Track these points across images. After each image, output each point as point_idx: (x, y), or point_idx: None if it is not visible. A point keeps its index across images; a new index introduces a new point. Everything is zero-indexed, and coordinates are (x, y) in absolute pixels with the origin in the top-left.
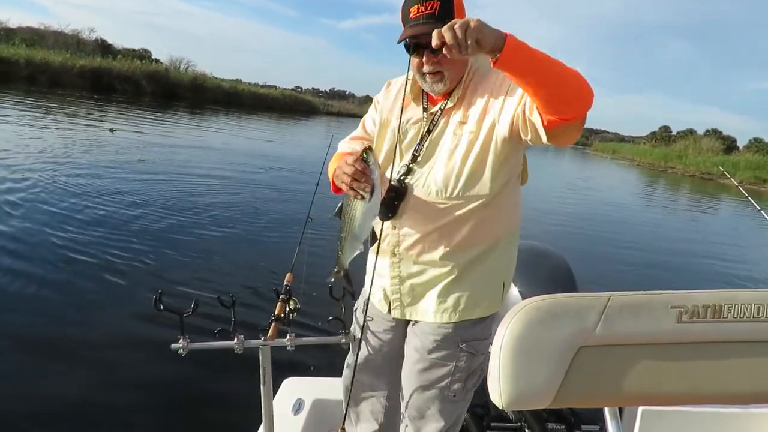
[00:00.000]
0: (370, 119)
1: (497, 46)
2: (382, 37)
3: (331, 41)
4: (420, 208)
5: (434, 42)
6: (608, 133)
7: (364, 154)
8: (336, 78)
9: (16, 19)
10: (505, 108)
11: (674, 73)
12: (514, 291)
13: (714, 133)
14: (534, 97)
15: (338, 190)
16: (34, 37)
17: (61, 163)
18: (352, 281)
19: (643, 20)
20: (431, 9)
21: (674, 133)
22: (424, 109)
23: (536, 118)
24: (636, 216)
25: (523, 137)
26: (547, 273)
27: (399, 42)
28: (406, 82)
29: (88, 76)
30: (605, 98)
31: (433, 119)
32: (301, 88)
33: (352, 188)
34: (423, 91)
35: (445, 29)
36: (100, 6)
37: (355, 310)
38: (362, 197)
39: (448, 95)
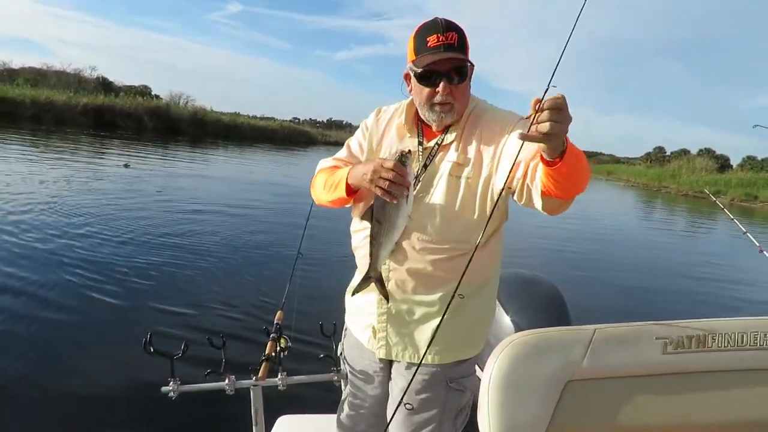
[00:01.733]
0: (357, 143)
1: (561, 142)
2: (375, 67)
3: (326, 72)
4: (413, 243)
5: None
6: (604, 155)
7: (403, 157)
8: (332, 108)
9: (19, 59)
10: (503, 165)
11: (667, 93)
12: (505, 319)
13: (707, 153)
14: (553, 183)
15: (352, 192)
16: (36, 76)
17: (47, 202)
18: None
19: (633, 41)
20: (451, 39)
21: (668, 153)
22: (419, 143)
23: (536, 189)
24: (628, 237)
25: (516, 199)
26: (538, 301)
27: (421, 68)
28: (403, 110)
29: (92, 114)
30: (599, 119)
31: (429, 154)
32: (299, 119)
33: (388, 191)
34: (418, 122)
35: (555, 109)
36: (100, 44)
37: (341, 352)
38: (397, 200)
39: (444, 130)
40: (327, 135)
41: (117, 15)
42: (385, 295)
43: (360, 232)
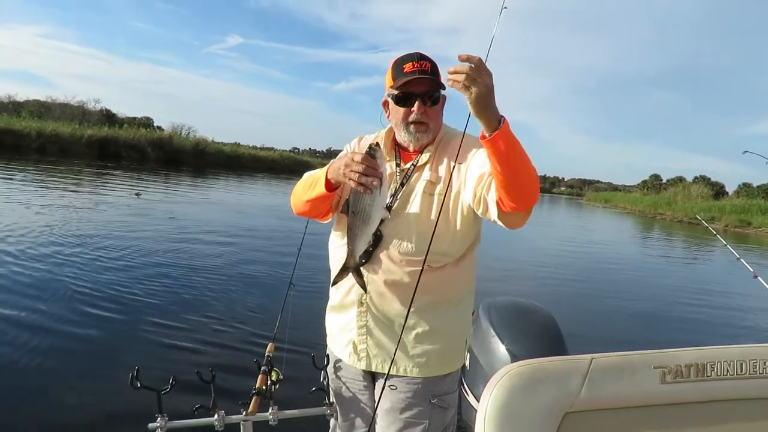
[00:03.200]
0: None
1: (495, 118)
2: (374, 98)
3: (325, 103)
4: (391, 257)
5: (456, 67)
6: (601, 183)
7: (371, 149)
8: (332, 138)
9: (20, 91)
10: (469, 179)
11: (662, 121)
12: (500, 348)
13: (702, 180)
14: (500, 182)
15: (332, 188)
16: (41, 109)
17: (50, 229)
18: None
19: (627, 71)
20: (425, 67)
21: (665, 180)
22: (397, 165)
23: (491, 198)
24: (623, 265)
25: (474, 208)
26: (534, 330)
27: (395, 89)
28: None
29: (96, 145)
30: (596, 147)
31: (405, 174)
32: (298, 149)
33: (361, 183)
34: (396, 147)
35: (467, 63)
36: (101, 76)
37: (325, 378)
38: (371, 191)
39: (420, 152)
40: (327, 164)
41: (119, 48)
42: (363, 285)
43: (337, 246)
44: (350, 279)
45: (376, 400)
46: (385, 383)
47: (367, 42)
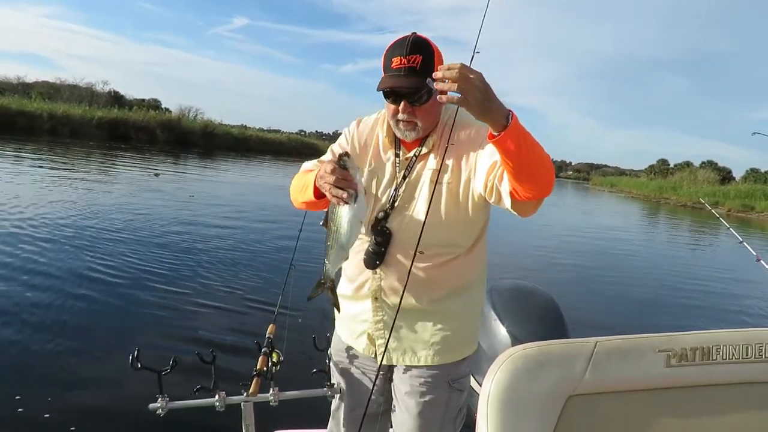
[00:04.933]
0: (339, 147)
1: (501, 115)
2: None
3: (332, 85)
4: (403, 252)
5: (439, 74)
6: (609, 167)
7: (341, 160)
8: (338, 121)
9: (32, 74)
10: (479, 167)
11: (672, 106)
12: (501, 330)
13: (710, 165)
14: (513, 175)
15: (321, 195)
16: (50, 90)
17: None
18: (335, 298)
19: (638, 55)
20: (413, 63)
21: (672, 165)
22: (396, 155)
23: (504, 189)
24: (624, 248)
25: (486, 197)
26: (535, 312)
27: (378, 90)
28: (384, 122)
29: (106, 127)
30: (604, 132)
31: (408, 164)
32: (305, 131)
33: (333, 195)
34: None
35: (447, 68)
36: (107, 58)
37: (332, 360)
38: (345, 203)
39: (421, 142)
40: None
41: (125, 29)
42: (336, 304)
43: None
44: (365, 272)
45: (393, 384)
46: (401, 369)
47: (374, 23)
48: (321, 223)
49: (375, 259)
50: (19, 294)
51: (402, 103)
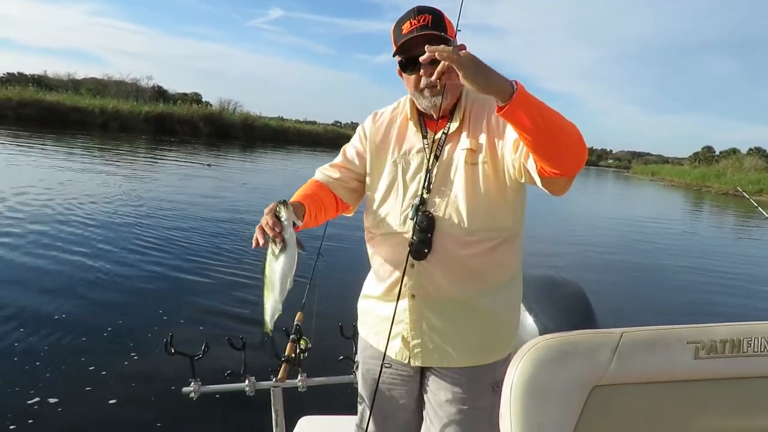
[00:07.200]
0: (353, 148)
1: (506, 85)
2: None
3: (366, 75)
4: (449, 239)
5: (426, 54)
6: (651, 155)
7: (277, 209)
8: (373, 110)
9: (82, 70)
10: (507, 146)
11: (719, 91)
12: (529, 320)
13: (757, 152)
14: (534, 150)
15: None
16: (98, 86)
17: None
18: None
19: (681, 39)
20: (424, 21)
21: (717, 152)
22: (424, 137)
23: (531, 167)
24: (658, 238)
25: (518, 179)
26: (563, 302)
27: (394, 55)
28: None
29: (152, 121)
30: (647, 119)
31: (438, 145)
32: (341, 122)
33: (255, 235)
34: (420, 117)
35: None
36: (148, 53)
37: (357, 365)
38: (262, 246)
39: (448, 119)
40: None
41: (165, 24)
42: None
43: (375, 237)
44: (399, 268)
45: (429, 389)
46: (443, 375)
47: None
48: (260, 272)
49: (423, 247)
50: (77, 272)
51: (422, 67)
